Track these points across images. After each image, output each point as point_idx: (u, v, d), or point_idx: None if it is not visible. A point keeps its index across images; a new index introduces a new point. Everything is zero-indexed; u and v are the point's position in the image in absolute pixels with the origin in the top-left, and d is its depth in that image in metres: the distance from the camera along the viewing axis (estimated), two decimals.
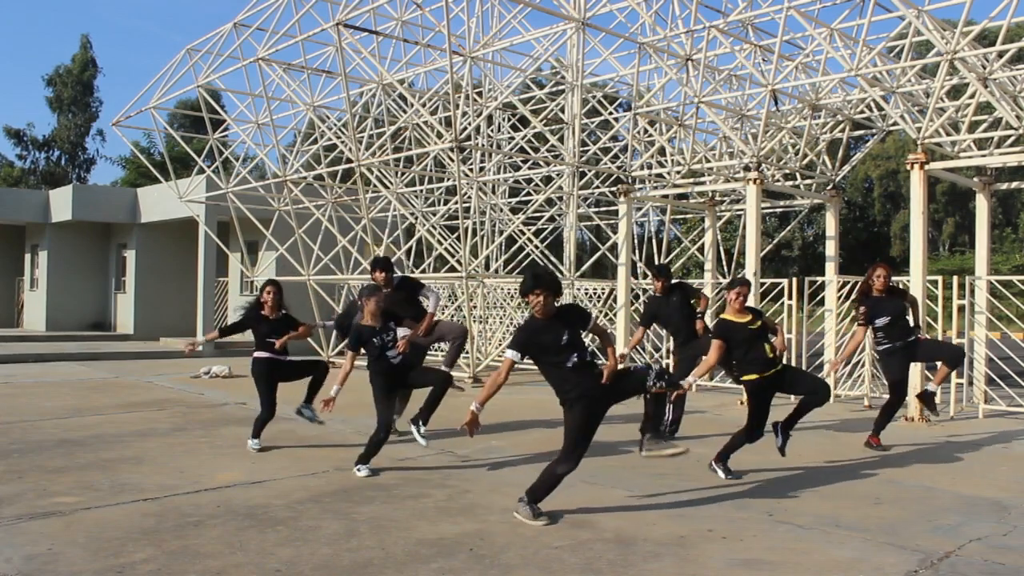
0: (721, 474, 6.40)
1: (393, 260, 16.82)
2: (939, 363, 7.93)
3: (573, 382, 5.16)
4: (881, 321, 7.75)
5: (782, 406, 6.99)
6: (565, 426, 5.23)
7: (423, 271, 18.14)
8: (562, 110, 16.49)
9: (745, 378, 6.42)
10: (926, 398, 7.90)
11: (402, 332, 6.82)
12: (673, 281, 8.60)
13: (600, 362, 5.38)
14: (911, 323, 7.89)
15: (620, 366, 5.37)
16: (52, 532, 4.81)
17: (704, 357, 8.33)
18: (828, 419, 9.32)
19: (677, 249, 19.54)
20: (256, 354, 7.48)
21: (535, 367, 5.34)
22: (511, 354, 5.17)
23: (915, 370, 8.75)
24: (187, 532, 4.83)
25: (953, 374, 9.97)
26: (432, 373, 7.06)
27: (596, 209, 20.86)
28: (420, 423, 6.93)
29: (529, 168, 17.94)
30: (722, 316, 6.52)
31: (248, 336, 7.74)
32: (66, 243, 22.70)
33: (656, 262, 16.42)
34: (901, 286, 8.49)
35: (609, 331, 5.29)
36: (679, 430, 8.36)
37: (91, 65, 46.70)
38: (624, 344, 10.79)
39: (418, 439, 6.89)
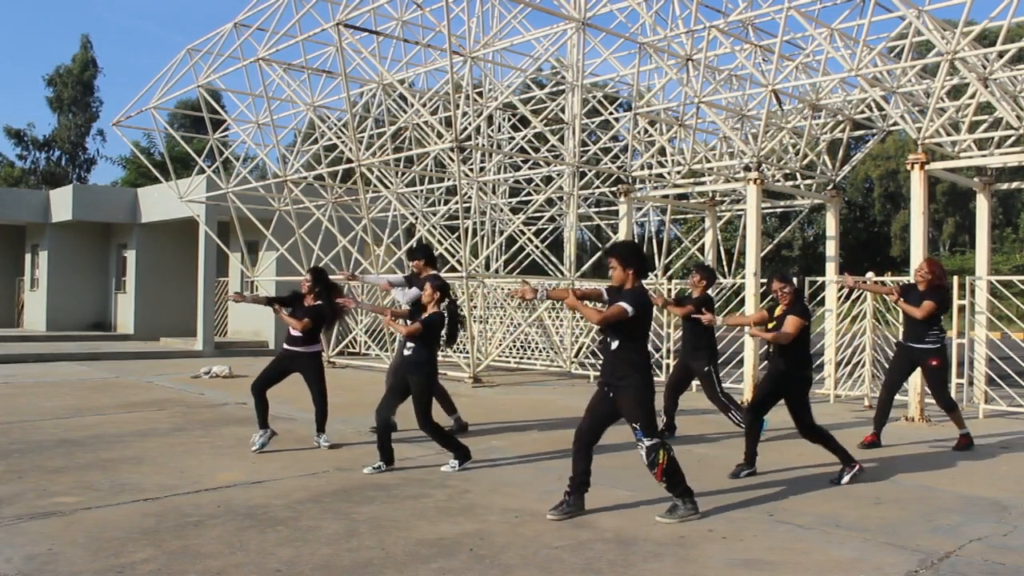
0: (735, 474, 6.51)
1: (392, 261, 16.92)
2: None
3: (605, 363, 5.40)
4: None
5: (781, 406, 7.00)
6: None
7: None
8: (562, 110, 16.49)
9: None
10: (958, 444, 7.89)
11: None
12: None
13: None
14: (929, 332, 7.81)
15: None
16: (52, 532, 4.81)
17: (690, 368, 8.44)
18: (829, 419, 9.31)
19: (677, 249, 19.53)
20: None
21: (535, 367, 5.39)
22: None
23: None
24: (187, 532, 4.83)
25: (953, 374, 10.01)
26: (416, 409, 6.71)
27: (596, 209, 20.86)
28: (455, 461, 6.70)
29: (529, 168, 17.93)
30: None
31: (247, 337, 7.75)
32: (66, 243, 22.69)
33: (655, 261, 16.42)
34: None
35: (599, 308, 5.29)
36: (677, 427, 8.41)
37: (91, 65, 46.71)
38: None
39: (451, 467, 6.66)
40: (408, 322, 6.76)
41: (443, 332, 6.78)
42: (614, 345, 5.25)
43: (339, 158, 17.15)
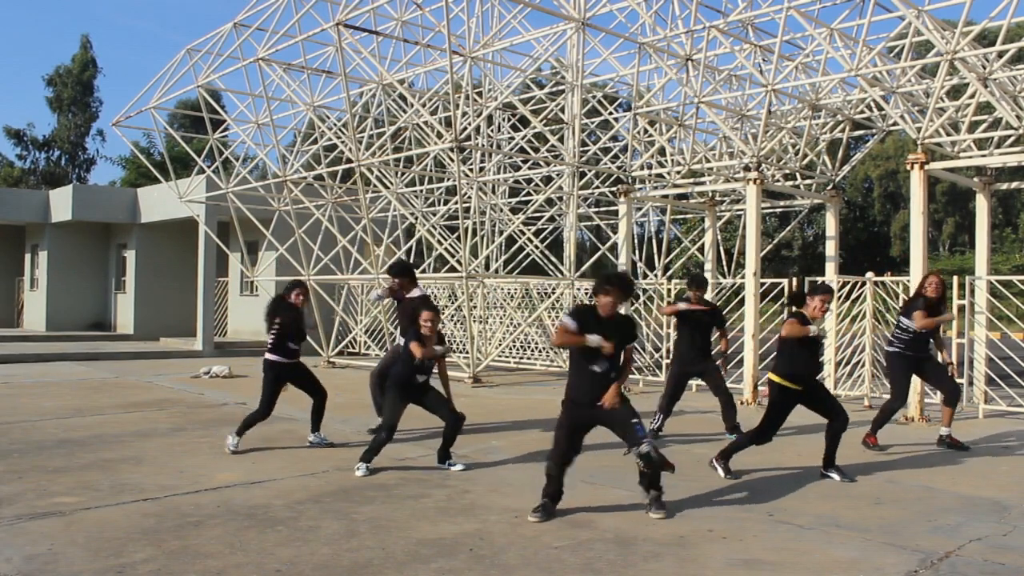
0: (721, 472, 6.41)
1: (393, 261, 16.92)
2: (939, 399, 8.15)
3: (587, 388, 5.27)
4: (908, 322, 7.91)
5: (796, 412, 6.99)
6: (558, 423, 5.43)
7: (423, 271, 18.15)
8: (562, 110, 16.49)
9: (776, 379, 6.37)
10: (950, 443, 7.85)
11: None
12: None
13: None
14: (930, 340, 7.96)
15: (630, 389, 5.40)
16: (52, 532, 4.81)
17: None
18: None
19: (677, 249, 19.53)
20: (271, 357, 7.48)
21: (534, 367, 5.36)
22: (569, 321, 5.21)
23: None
24: (187, 532, 4.83)
25: (953, 374, 10.01)
26: (447, 408, 6.78)
27: (596, 209, 20.87)
28: (448, 461, 6.72)
29: (529, 168, 17.93)
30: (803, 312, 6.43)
31: (247, 337, 7.76)
32: (66, 243, 22.70)
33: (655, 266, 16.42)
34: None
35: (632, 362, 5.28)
36: (663, 428, 8.42)
37: (91, 65, 46.74)
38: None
39: (455, 468, 6.66)
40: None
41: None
42: (604, 368, 5.22)
43: (339, 158, 17.16)
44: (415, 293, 8.06)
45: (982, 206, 11.78)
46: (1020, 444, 8.23)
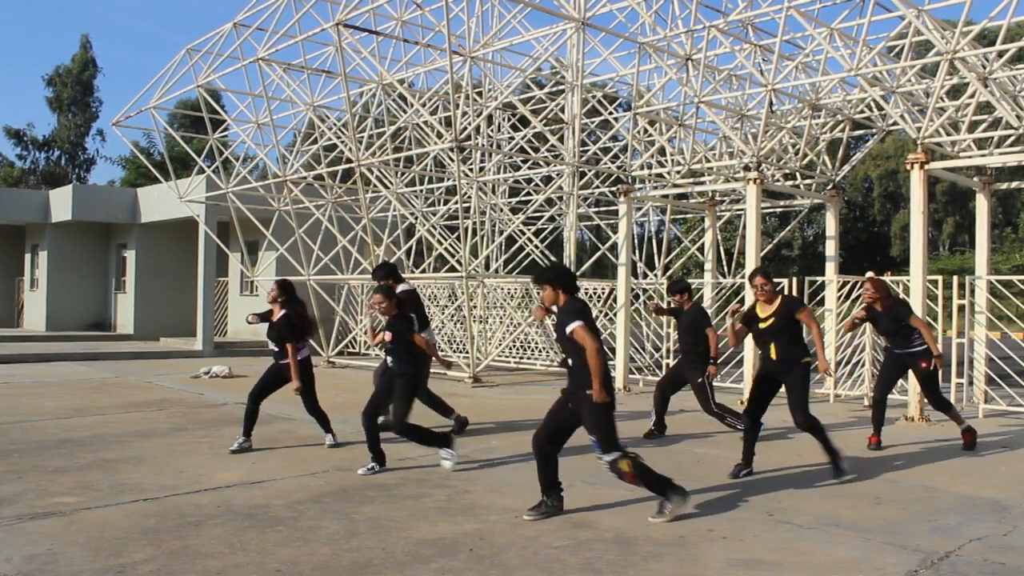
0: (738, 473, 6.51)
1: (393, 260, 16.93)
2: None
3: (569, 375, 5.35)
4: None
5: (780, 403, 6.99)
6: None
7: (423, 271, 18.15)
8: (562, 110, 16.49)
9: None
10: (969, 442, 7.86)
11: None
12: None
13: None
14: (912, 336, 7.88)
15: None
16: (52, 532, 4.81)
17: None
18: (828, 419, 9.30)
19: (677, 249, 19.52)
20: None
21: (535, 367, 5.35)
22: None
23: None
24: (187, 532, 4.84)
25: (953, 374, 10.02)
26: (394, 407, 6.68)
27: (596, 209, 20.85)
28: (445, 452, 6.72)
29: (529, 168, 17.93)
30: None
31: (247, 337, 7.73)
32: (66, 243, 22.70)
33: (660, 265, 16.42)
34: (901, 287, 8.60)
35: (596, 353, 5.17)
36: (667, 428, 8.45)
37: (91, 65, 46.75)
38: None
39: (445, 465, 6.64)
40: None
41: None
42: (571, 362, 5.23)
43: (339, 158, 17.15)
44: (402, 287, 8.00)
45: (982, 206, 11.78)
46: (1020, 444, 8.23)
